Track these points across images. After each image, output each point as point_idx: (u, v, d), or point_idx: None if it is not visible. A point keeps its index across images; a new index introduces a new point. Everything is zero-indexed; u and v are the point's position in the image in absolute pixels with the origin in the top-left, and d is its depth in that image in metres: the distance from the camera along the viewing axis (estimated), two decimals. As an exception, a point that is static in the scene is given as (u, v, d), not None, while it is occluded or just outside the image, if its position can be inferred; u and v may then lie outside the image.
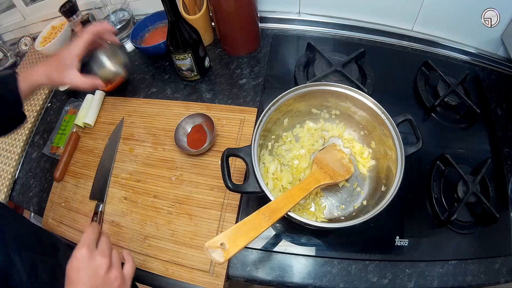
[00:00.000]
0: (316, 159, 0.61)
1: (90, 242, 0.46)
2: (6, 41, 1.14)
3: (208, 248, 0.41)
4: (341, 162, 0.63)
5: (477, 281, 0.57)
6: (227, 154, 0.56)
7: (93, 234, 0.47)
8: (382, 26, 0.88)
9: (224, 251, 0.41)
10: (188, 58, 0.77)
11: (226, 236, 0.43)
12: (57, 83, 0.64)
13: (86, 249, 0.44)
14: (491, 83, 0.80)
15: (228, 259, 0.42)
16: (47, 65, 0.62)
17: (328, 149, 0.65)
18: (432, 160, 0.68)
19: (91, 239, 0.46)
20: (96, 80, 0.66)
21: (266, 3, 0.91)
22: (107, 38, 0.68)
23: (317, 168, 0.59)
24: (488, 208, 0.59)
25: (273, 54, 0.87)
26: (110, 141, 0.78)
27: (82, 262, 0.43)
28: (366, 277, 0.57)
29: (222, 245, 0.42)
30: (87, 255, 0.44)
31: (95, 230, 0.48)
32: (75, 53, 0.62)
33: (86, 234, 0.47)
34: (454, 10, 0.77)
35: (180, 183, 0.70)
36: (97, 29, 0.64)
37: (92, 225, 0.49)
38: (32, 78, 0.61)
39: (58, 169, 0.74)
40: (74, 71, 0.63)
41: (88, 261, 0.44)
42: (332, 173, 0.59)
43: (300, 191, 0.52)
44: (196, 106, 0.80)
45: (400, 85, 0.79)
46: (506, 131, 0.72)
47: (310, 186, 0.55)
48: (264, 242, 0.62)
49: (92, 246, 0.46)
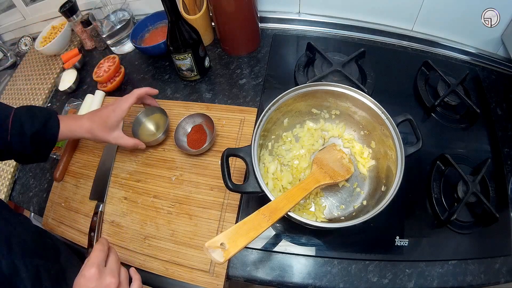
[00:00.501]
0: (316, 159, 0.61)
1: (100, 261, 0.46)
2: (6, 41, 1.14)
3: (208, 248, 0.41)
4: (341, 162, 0.63)
5: (477, 281, 0.57)
6: (227, 154, 0.56)
7: (103, 253, 0.48)
8: (382, 26, 0.88)
9: (224, 251, 0.41)
10: (188, 58, 0.77)
11: (226, 236, 0.42)
12: (99, 140, 0.66)
13: (96, 269, 0.44)
14: (491, 83, 0.80)
15: (228, 259, 0.41)
16: (92, 121, 0.64)
17: (328, 149, 0.65)
18: (432, 160, 0.68)
19: (101, 259, 0.47)
20: (138, 141, 0.70)
21: (266, 3, 0.91)
22: (149, 103, 0.73)
23: (317, 168, 0.59)
24: (488, 208, 0.59)
25: (273, 54, 0.87)
26: (110, 141, 0.78)
27: (91, 281, 0.44)
28: (366, 277, 0.57)
29: (222, 245, 0.41)
30: (96, 275, 0.44)
31: (105, 247, 0.49)
32: (120, 116, 0.65)
33: (96, 252, 0.47)
34: (454, 10, 0.77)
35: (180, 183, 0.70)
36: (141, 92, 0.68)
37: (101, 242, 0.50)
38: (75, 130, 0.63)
39: (58, 169, 0.74)
40: (118, 132, 0.66)
41: (97, 281, 0.44)
42: (332, 173, 0.59)
43: (300, 191, 0.52)
44: (196, 106, 0.80)
45: (400, 85, 0.79)
46: (506, 131, 0.72)
47: (310, 186, 0.55)
48: (264, 242, 0.62)
49: (102, 265, 0.46)
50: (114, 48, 0.95)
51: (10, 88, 0.99)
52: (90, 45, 0.98)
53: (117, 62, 0.85)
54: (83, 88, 0.90)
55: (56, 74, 0.95)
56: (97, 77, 0.85)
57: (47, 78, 0.95)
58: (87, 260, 0.46)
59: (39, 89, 0.93)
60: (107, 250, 0.50)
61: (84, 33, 0.95)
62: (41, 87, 0.93)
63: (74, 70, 0.90)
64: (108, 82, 0.85)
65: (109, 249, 0.51)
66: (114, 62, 0.85)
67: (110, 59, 0.87)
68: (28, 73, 0.99)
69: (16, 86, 0.98)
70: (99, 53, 0.98)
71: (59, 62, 0.96)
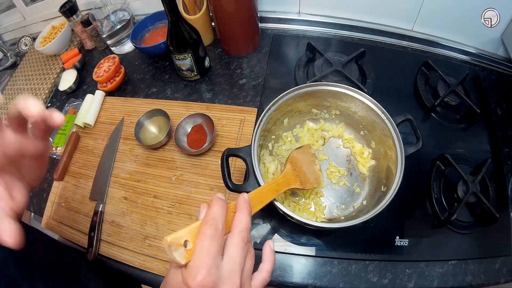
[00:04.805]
0: (291, 158, 0.58)
1: (214, 257, 0.30)
2: (6, 41, 1.14)
3: (170, 245, 0.30)
4: (313, 168, 0.60)
5: (477, 281, 0.57)
6: (227, 154, 0.56)
7: (219, 238, 0.31)
8: (382, 26, 0.88)
9: (186, 251, 0.31)
10: (188, 58, 0.77)
11: (191, 232, 0.32)
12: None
13: (206, 274, 0.29)
14: (491, 83, 0.80)
15: (189, 261, 0.31)
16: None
17: (304, 149, 0.61)
18: (432, 160, 0.68)
19: (215, 251, 0.31)
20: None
21: (266, 3, 0.91)
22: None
23: (290, 168, 0.56)
24: (488, 208, 0.59)
25: (273, 54, 0.87)
26: (110, 141, 0.78)
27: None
28: (366, 277, 0.57)
29: (185, 242, 0.32)
30: (207, 283, 0.29)
31: (219, 224, 0.32)
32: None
33: (206, 240, 0.31)
34: (454, 10, 0.77)
35: (180, 183, 0.70)
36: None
37: (213, 214, 0.32)
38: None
39: (58, 169, 0.74)
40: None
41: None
42: (303, 177, 0.57)
43: (271, 192, 0.49)
44: (196, 106, 0.80)
45: (400, 85, 0.79)
46: (506, 131, 0.72)
47: (281, 188, 0.52)
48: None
49: (217, 262, 0.30)
50: (114, 48, 0.95)
51: (10, 88, 0.99)
52: (90, 45, 0.98)
53: (117, 62, 0.85)
54: (83, 88, 0.90)
55: (56, 74, 0.95)
56: (97, 77, 0.85)
57: (47, 78, 0.95)
58: (193, 254, 0.30)
59: (39, 89, 0.93)
60: (224, 223, 0.32)
61: (84, 33, 0.95)
62: (41, 87, 0.93)
63: (74, 70, 0.90)
64: (108, 82, 0.85)
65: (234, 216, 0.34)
66: (114, 62, 0.85)
67: (110, 59, 0.87)
68: (28, 73, 0.99)
69: (16, 86, 0.98)
70: (99, 53, 0.98)
71: (59, 62, 0.96)
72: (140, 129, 0.76)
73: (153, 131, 0.78)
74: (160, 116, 0.78)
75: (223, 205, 0.33)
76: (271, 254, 0.38)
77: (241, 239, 0.32)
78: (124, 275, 0.64)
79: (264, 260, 0.37)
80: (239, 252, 0.32)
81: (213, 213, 0.32)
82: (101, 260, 0.65)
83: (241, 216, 0.34)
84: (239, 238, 0.32)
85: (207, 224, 0.31)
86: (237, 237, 0.33)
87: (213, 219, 0.32)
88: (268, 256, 0.38)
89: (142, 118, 0.76)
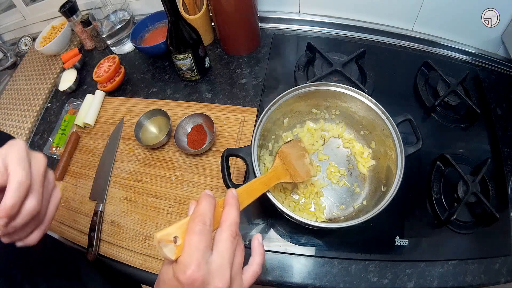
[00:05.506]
0: (281, 152, 0.58)
1: (202, 252, 0.31)
2: (6, 41, 1.14)
3: (159, 242, 0.31)
4: (303, 162, 0.60)
5: (477, 281, 0.57)
6: (227, 154, 0.56)
7: (207, 232, 0.32)
8: (382, 26, 0.88)
9: (176, 247, 0.32)
10: (188, 58, 0.77)
11: (180, 228, 0.33)
12: None
13: (195, 269, 0.29)
14: (491, 83, 0.80)
15: (179, 257, 0.32)
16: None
17: (293, 144, 0.61)
18: (432, 160, 0.68)
19: (204, 245, 0.31)
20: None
21: (266, 3, 0.91)
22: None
23: (280, 162, 0.56)
24: (488, 208, 0.59)
25: (273, 54, 0.87)
26: (110, 141, 0.78)
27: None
28: (366, 277, 0.57)
29: (175, 238, 0.32)
30: (196, 278, 0.29)
31: (207, 219, 0.33)
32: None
33: (194, 236, 0.31)
34: (454, 10, 0.77)
35: (180, 183, 0.70)
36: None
37: (201, 210, 0.33)
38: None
39: (58, 169, 0.74)
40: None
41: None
42: (293, 171, 0.57)
43: (261, 185, 0.49)
44: (196, 106, 0.80)
45: (400, 85, 0.79)
46: (506, 131, 0.72)
47: (271, 182, 0.52)
48: (264, 242, 0.62)
49: (206, 258, 0.31)
50: (114, 48, 0.95)
51: (10, 88, 0.99)
52: (90, 45, 0.98)
53: (117, 62, 0.85)
54: (83, 88, 0.90)
55: (56, 74, 0.95)
56: (97, 77, 0.85)
57: (47, 78, 0.95)
58: (182, 251, 0.31)
59: (39, 89, 0.93)
60: (212, 218, 0.33)
61: (84, 33, 0.95)
62: (41, 87, 0.93)
63: (74, 70, 0.90)
64: (108, 82, 0.85)
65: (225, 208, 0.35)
66: (114, 62, 0.85)
67: (110, 59, 0.87)
68: (28, 73, 0.99)
69: (16, 86, 0.98)
70: (99, 53, 0.98)
71: (59, 62, 0.96)
72: (140, 129, 0.76)
73: (153, 131, 0.78)
74: (160, 116, 0.78)
75: (211, 201, 0.34)
76: (260, 247, 0.38)
77: (230, 234, 0.33)
78: (124, 275, 0.64)
79: (254, 254, 0.38)
80: (228, 246, 0.32)
81: (201, 209, 0.33)
82: (101, 260, 0.65)
83: (230, 211, 0.35)
84: (228, 233, 0.33)
85: (195, 220, 0.32)
86: (225, 232, 0.33)
87: (201, 215, 0.32)
88: (258, 250, 0.38)
89: (142, 118, 0.76)
